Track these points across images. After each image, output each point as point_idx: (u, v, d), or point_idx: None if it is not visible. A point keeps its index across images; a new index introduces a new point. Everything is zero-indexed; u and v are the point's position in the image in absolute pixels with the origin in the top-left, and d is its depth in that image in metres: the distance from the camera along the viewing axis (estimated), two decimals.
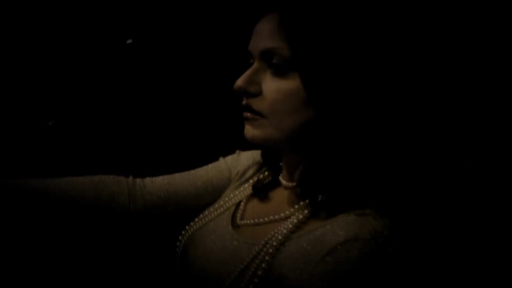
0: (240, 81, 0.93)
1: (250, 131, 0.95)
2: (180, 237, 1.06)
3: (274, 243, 0.89)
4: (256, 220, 0.99)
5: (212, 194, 1.15)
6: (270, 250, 0.89)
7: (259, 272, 0.88)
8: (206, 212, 1.08)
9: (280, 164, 1.04)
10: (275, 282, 0.87)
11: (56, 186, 1.09)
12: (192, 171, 1.18)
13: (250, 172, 1.13)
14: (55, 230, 1.49)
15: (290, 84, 0.90)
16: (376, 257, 0.85)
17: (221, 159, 1.20)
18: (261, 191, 1.05)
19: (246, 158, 1.16)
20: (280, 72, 0.91)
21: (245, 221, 1.01)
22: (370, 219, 0.88)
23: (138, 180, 1.17)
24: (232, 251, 0.95)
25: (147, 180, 1.17)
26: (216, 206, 1.08)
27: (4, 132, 1.06)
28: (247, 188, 1.08)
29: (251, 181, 1.08)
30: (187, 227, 1.06)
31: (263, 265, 0.88)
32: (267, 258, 0.88)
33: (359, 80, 0.89)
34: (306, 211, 0.93)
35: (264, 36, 0.92)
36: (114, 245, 1.55)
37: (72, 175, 1.13)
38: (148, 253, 1.54)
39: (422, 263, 0.90)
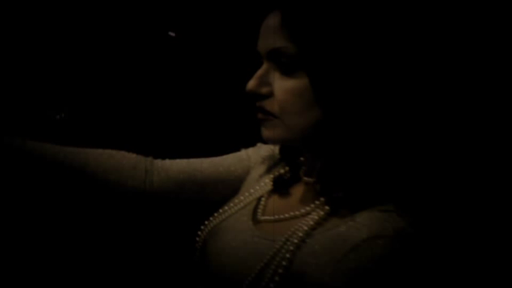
0: (250, 84, 0.92)
1: (264, 132, 0.94)
2: (199, 232, 1.04)
3: (295, 241, 0.88)
4: (276, 216, 0.97)
5: (229, 183, 1.14)
6: (291, 248, 0.87)
7: (280, 270, 0.86)
8: (226, 207, 1.06)
9: (301, 159, 1.02)
10: (296, 279, 0.85)
11: (75, 152, 1.09)
12: (213, 158, 1.17)
13: (270, 165, 1.11)
14: (69, 210, 1.50)
15: (298, 83, 0.88)
16: (400, 255, 0.83)
17: (243, 150, 1.18)
18: (281, 187, 1.04)
19: (266, 151, 1.14)
20: (288, 71, 0.89)
21: (266, 217, 1.00)
22: (394, 216, 0.85)
23: (157, 160, 1.17)
24: (252, 247, 0.93)
25: (167, 161, 1.17)
26: (236, 201, 1.06)
27: (13, 125, 1.06)
28: (268, 183, 1.06)
29: (271, 176, 1.07)
30: (206, 222, 1.05)
31: (284, 263, 0.86)
32: (287, 255, 0.87)
33: (365, 77, 0.87)
34: (326, 207, 0.91)
35: (269, 36, 0.90)
36: (134, 238, 1.55)
37: None
38: (168, 247, 1.53)
39: (445, 261, 0.87)
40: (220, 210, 1.06)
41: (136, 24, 1.50)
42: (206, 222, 1.05)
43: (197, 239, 1.04)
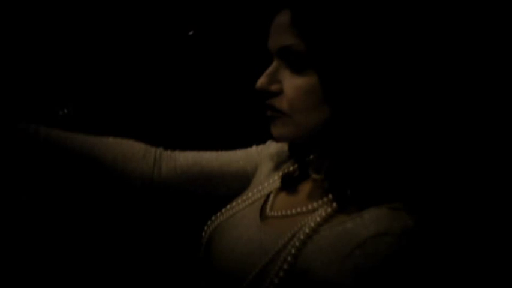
0: (260, 81, 0.92)
1: (274, 129, 0.94)
2: (205, 228, 1.04)
3: (301, 237, 0.87)
4: (283, 212, 0.97)
5: (236, 177, 1.14)
6: (297, 243, 0.87)
7: (285, 266, 0.86)
8: (234, 203, 1.06)
9: (311, 156, 1.02)
10: (301, 275, 0.84)
11: (83, 139, 1.11)
12: (222, 152, 1.18)
13: (280, 162, 1.11)
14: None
15: (308, 81, 0.88)
16: (407, 253, 0.82)
17: (253, 146, 1.19)
18: (289, 184, 1.03)
19: (276, 148, 1.14)
20: (298, 69, 0.89)
21: (273, 213, 0.99)
22: (403, 214, 0.85)
23: (167, 151, 1.19)
24: (258, 242, 0.93)
25: (176, 152, 1.19)
26: (245, 197, 1.06)
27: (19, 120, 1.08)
28: (276, 180, 1.06)
29: (280, 173, 1.06)
30: (213, 217, 1.05)
31: (289, 258, 0.86)
32: (293, 251, 0.86)
33: (374, 75, 0.86)
34: (334, 204, 0.90)
35: (279, 33, 0.91)
36: (139, 232, 1.55)
37: None
38: (174, 243, 1.53)
39: (451, 263, 0.87)
40: (228, 206, 1.06)
41: (149, 18, 1.50)
42: (213, 218, 1.05)
43: (203, 234, 1.04)
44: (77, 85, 1.49)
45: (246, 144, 1.20)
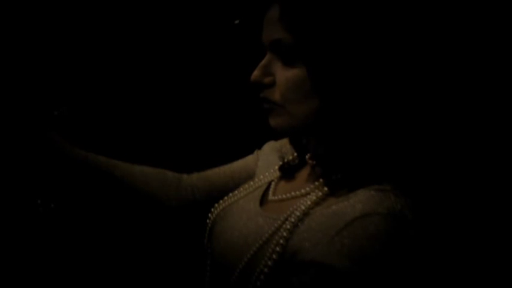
0: (254, 74, 0.96)
1: (271, 121, 0.97)
2: (209, 215, 1.10)
3: (293, 220, 0.91)
4: (280, 196, 1.02)
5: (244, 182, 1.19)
6: (288, 226, 0.91)
7: (278, 249, 0.90)
8: (236, 191, 1.11)
9: (308, 144, 1.06)
10: (292, 257, 0.88)
11: (120, 167, 1.19)
12: (229, 165, 1.25)
13: (281, 153, 1.15)
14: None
15: (298, 72, 0.92)
16: (393, 233, 0.84)
17: (256, 151, 1.24)
18: (287, 172, 1.08)
19: (276, 142, 1.19)
20: (289, 61, 0.93)
21: (271, 198, 1.04)
22: (390, 195, 0.88)
23: (189, 175, 1.28)
24: (254, 225, 0.97)
25: (195, 174, 1.27)
26: (246, 186, 1.11)
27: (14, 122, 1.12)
28: (277, 170, 1.11)
29: (280, 163, 1.11)
30: (216, 205, 1.10)
31: (281, 241, 0.90)
32: (284, 234, 0.90)
33: (360, 67, 0.89)
34: (325, 188, 0.94)
35: (270, 27, 0.94)
36: (147, 222, 1.59)
37: None
38: (180, 232, 1.57)
39: (437, 244, 0.89)
40: (231, 194, 1.11)
41: (143, 18, 1.52)
42: (216, 205, 1.10)
43: (207, 221, 1.09)
44: (72, 85, 1.51)
45: (248, 145, 1.26)
